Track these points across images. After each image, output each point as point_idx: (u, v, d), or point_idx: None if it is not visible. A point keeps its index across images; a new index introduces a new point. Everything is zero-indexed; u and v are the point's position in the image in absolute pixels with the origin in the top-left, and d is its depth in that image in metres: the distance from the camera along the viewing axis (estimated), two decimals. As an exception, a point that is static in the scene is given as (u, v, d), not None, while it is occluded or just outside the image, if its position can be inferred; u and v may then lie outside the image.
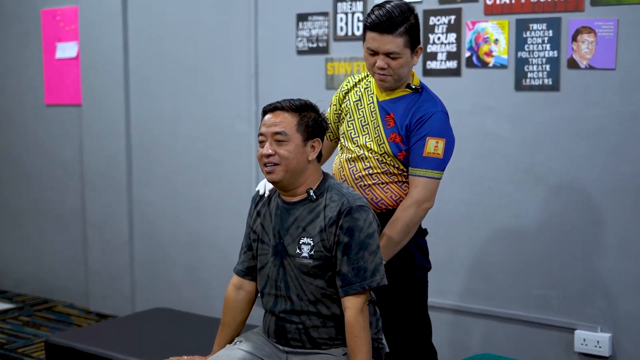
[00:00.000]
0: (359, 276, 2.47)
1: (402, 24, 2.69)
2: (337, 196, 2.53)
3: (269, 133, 2.52)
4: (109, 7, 4.98)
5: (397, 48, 2.69)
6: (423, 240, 2.94)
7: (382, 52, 2.71)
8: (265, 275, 2.63)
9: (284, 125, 2.51)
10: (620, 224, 3.46)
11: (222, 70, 4.63)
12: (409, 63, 2.76)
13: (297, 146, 2.51)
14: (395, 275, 2.82)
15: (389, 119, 2.81)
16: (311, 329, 2.55)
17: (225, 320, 2.74)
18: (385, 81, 2.78)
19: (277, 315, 2.60)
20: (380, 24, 2.68)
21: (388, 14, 2.68)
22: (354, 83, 2.96)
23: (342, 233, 2.47)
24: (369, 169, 2.83)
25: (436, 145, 2.75)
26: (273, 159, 2.51)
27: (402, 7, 2.71)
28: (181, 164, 4.87)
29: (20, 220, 5.76)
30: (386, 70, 2.73)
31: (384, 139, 2.80)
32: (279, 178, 2.53)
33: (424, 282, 2.95)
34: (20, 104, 5.64)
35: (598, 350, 3.52)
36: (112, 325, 3.84)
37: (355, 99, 2.91)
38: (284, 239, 2.56)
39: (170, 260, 4.97)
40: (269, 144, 2.52)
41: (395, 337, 2.95)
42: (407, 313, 2.91)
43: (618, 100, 3.41)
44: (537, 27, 3.56)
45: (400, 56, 2.71)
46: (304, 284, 2.54)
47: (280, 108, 2.53)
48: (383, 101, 2.84)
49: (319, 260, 2.50)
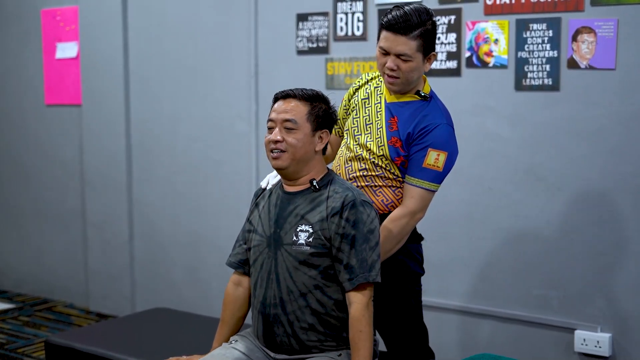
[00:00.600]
0: (362, 268, 2.47)
1: (418, 28, 2.66)
2: (341, 189, 2.54)
3: (279, 119, 2.53)
4: (109, 7, 4.98)
5: (409, 50, 2.67)
6: (417, 245, 2.92)
7: (393, 53, 2.69)
8: (258, 266, 2.61)
9: (295, 113, 2.52)
10: (620, 224, 3.46)
11: (222, 70, 4.63)
12: (419, 68, 2.72)
13: (305, 135, 2.52)
14: (388, 280, 2.78)
15: (393, 122, 2.78)
16: (299, 331, 2.53)
17: (224, 317, 2.75)
18: (393, 83, 2.74)
19: (264, 315, 2.58)
20: (396, 24, 2.66)
21: (405, 16, 2.66)
22: (366, 80, 2.94)
23: (349, 225, 2.48)
24: (364, 171, 2.81)
25: (437, 157, 2.71)
26: (280, 146, 2.52)
27: (421, 10, 2.69)
28: (181, 164, 4.87)
29: (20, 220, 5.76)
30: (395, 71, 2.70)
31: (384, 141, 2.78)
32: (285, 165, 2.53)
33: (417, 287, 2.93)
34: (20, 104, 5.64)
35: (598, 350, 3.52)
36: (112, 325, 3.84)
37: (363, 97, 2.89)
38: (280, 229, 2.56)
39: (170, 260, 4.97)
40: (278, 130, 2.53)
41: (392, 341, 2.94)
42: (402, 317, 2.90)
43: (618, 100, 3.41)
44: (537, 27, 3.56)
45: (411, 59, 2.68)
46: (295, 276, 2.52)
47: (293, 96, 2.55)
48: (390, 103, 2.81)
49: (316, 247, 2.49)
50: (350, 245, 2.48)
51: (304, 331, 2.53)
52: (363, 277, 2.47)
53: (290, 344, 2.55)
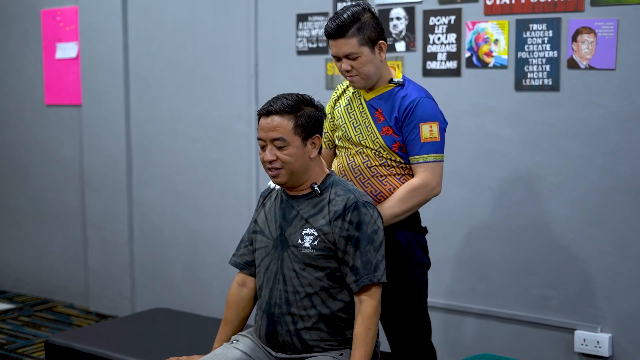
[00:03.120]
0: (367, 269, 2.48)
1: (352, 25, 2.78)
2: (343, 191, 2.56)
3: (268, 138, 2.53)
4: (109, 7, 4.98)
5: (353, 48, 2.79)
6: (423, 238, 2.98)
7: (342, 55, 2.82)
8: (264, 267, 2.63)
9: (281, 130, 2.51)
10: (620, 224, 3.46)
11: (221, 71, 4.63)
12: (371, 60, 2.83)
13: (297, 148, 2.52)
14: (396, 272, 2.85)
15: (378, 114, 2.88)
16: (303, 331, 2.54)
17: (227, 317, 2.75)
18: (354, 82, 2.87)
19: (269, 315, 2.59)
20: (331, 31, 2.81)
21: (337, 20, 2.80)
22: (343, 90, 3.06)
23: (352, 227, 2.49)
24: (367, 162, 2.89)
25: (430, 129, 2.82)
26: (275, 164, 2.53)
27: (354, 9, 2.81)
28: (181, 163, 4.87)
29: (20, 220, 5.76)
30: (351, 71, 2.83)
31: (377, 135, 2.87)
32: (284, 180, 2.56)
33: (424, 279, 2.97)
34: (20, 104, 5.64)
35: (598, 351, 3.52)
36: (112, 326, 3.84)
37: (345, 104, 3.00)
38: (285, 231, 2.57)
39: (170, 260, 4.97)
40: (270, 149, 2.53)
41: (396, 336, 2.97)
42: (408, 310, 2.93)
43: (618, 101, 3.41)
44: (537, 27, 3.56)
45: (358, 55, 2.80)
46: (301, 277, 2.53)
47: (274, 112, 2.52)
48: (370, 100, 2.92)
49: (321, 250, 2.51)
50: (354, 247, 2.49)
51: (307, 330, 2.54)
52: (368, 278, 2.48)
53: (292, 343, 2.56)
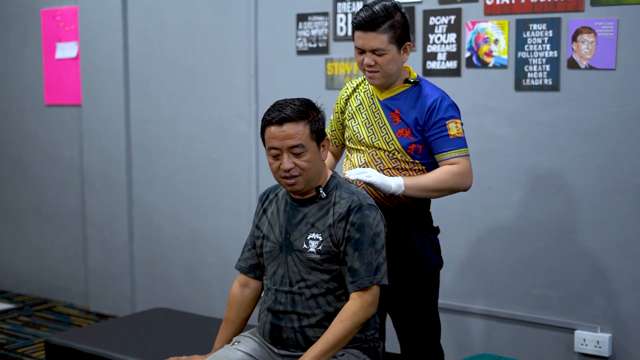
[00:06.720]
0: (367, 271, 2.48)
1: (386, 21, 2.75)
2: (347, 194, 2.55)
3: (285, 147, 2.48)
4: (109, 7, 4.98)
5: (382, 44, 2.76)
6: (436, 238, 2.98)
7: (368, 50, 2.79)
8: (272, 271, 2.63)
9: (299, 137, 2.48)
10: (620, 224, 3.46)
11: (221, 71, 4.63)
12: (396, 59, 2.80)
13: (314, 153, 2.52)
14: (408, 273, 2.85)
15: (394, 115, 2.85)
16: (307, 328, 2.55)
17: (228, 317, 2.75)
18: (374, 78, 2.83)
19: (274, 313, 2.59)
20: (364, 22, 2.76)
21: (371, 13, 2.76)
22: (353, 88, 3.01)
23: (354, 229, 2.49)
24: (380, 165, 2.86)
25: (456, 126, 2.83)
26: (294, 172, 2.50)
27: (387, 4, 2.78)
28: (181, 163, 4.87)
29: (20, 220, 5.76)
30: (374, 66, 2.80)
31: (392, 136, 2.84)
32: (301, 187, 2.54)
33: (436, 279, 2.97)
34: (20, 104, 5.64)
35: (598, 351, 3.52)
36: (112, 325, 3.84)
37: (356, 104, 2.96)
38: (291, 235, 2.57)
39: (169, 260, 4.97)
40: (287, 157, 2.49)
41: (407, 336, 2.96)
42: (419, 311, 2.93)
43: (618, 101, 3.41)
44: (537, 27, 3.56)
45: (385, 52, 2.77)
46: (307, 279, 2.54)
47: (288, 119, 2.48)
48: (385, 100, 2.88)
49: (326, 254, 2.52)
50: (354, 249, 2.49)
51: (311, 327, 2.55)
52: (368, 280, 2.48)
53: (296, 340, 2.56)
